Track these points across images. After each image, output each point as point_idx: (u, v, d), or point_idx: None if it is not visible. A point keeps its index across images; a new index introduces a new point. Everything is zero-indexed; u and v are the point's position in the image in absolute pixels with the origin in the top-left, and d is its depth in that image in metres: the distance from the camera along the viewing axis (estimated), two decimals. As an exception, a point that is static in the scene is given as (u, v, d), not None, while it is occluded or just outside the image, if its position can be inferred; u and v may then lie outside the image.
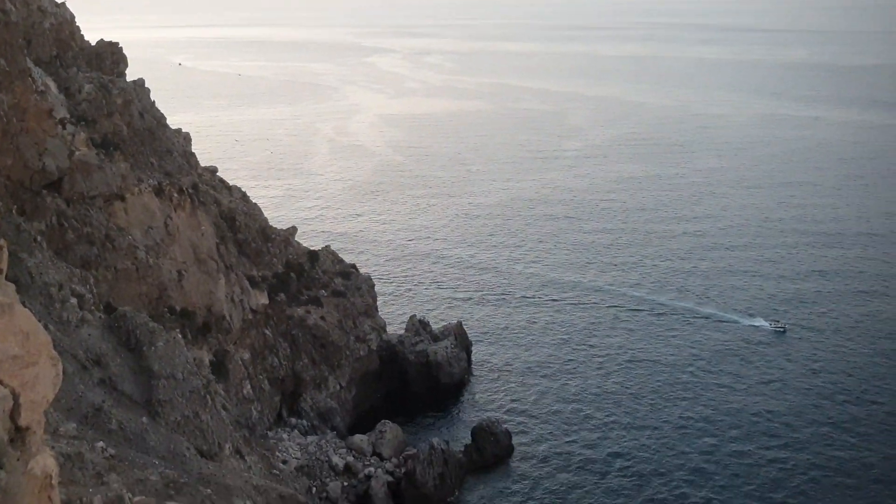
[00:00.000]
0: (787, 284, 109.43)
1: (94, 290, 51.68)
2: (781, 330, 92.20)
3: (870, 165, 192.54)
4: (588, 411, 75.71)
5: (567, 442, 70.29)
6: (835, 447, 69.11)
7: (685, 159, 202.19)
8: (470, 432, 69.50)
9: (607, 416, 74.77)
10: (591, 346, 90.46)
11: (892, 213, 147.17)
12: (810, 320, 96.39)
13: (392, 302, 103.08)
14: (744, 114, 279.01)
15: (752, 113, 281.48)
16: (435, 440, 65.10)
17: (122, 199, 57.96)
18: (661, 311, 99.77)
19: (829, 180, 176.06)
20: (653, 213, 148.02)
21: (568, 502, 61.19)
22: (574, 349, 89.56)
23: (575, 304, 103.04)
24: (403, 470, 62.26)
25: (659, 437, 70.92)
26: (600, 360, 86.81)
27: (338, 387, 74.03)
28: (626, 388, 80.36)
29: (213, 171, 78.35)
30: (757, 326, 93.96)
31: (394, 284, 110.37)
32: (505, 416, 74.40)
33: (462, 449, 67.58)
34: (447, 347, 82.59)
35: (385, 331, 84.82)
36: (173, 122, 71.13)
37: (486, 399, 79.53)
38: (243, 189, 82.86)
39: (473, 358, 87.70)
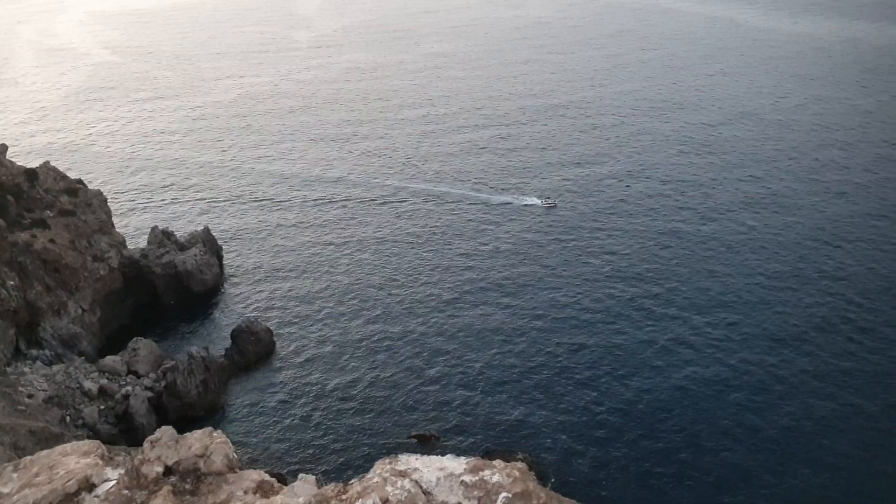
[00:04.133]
0: (546, 161, 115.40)
1: None
2: (552, 205, 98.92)
3: (592, 40, 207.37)
4: (346, 302, 77.83)
5: (326, 332, 72.24)
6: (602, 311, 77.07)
7: (414, 45, 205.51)
8: (230, 335, 69.14)
9: (368, 306, 77.30)
10: (346, 240, 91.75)
11: (634, 90, 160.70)
12: (576, 196, 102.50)
13: (129, 215, 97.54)
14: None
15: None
16: (194, 349, 64.11)
17: None
18: (426, 199, 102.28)
19: (552, 56, 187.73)
20: (394, 101, 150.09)
21: (331, 389, 63.58)
22: (328, 244, 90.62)
23: (325, 199, 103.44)
24: (163, 383, 60.98)
25: (430, 318, 74.87)
26: (359, 253, 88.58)
27: (79, 310, 69.80)
28: (393, 277, 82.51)
29: None
30: (530, 204, 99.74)
31: (128, 197, 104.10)
32: (264, 315, 74.62)
33: (223, 353, 67.25)
34: (196, 255, 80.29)
35: (125, 246, 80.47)
36: None
37: (243, 301, 79.03)
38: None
39: (225, 262, 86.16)
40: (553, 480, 52.05)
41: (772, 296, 75.81)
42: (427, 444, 56.25)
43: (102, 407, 58.37)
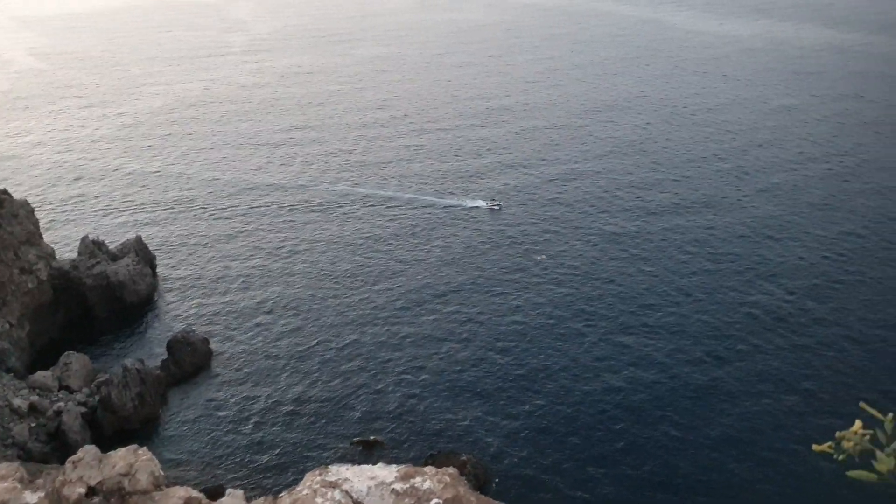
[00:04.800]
0: (487, 163, 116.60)
1: None
2: (498, 207, 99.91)
3: (527, 43, 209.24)
4: (285, 311, 76.97)
5: (264, 341, 71.38)
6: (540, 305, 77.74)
7: (350, 48, 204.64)
8: (166, 346, 67.84)
9: (306, 314, 76.57)
10: (283, 247, 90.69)
11: (569, 93, 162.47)
12: (519, 197, 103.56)
13: (58, 226, 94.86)
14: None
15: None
16: (128, 361, 62.66)
17: None
18: (370, 203, 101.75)
19: (489, 60, 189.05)
20: (331, 105, 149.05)
21: (269, 399, 62.90)
22: (264, 251, 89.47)
23: (262, 206, 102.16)
24: (97, 398, 59.49)
25: (370, 325, 74.53)
26: (297, 260, 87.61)
27: (7, 325, 67.56)
28: (333, 284, 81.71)
29: None
30: (476, 207, 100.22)
31: (57, 207, 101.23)
32: (201, 325, 73.38)
33: (159, 364, 65.94)
34: (129, 265, 78.51)
35: (54, 257, 78.16)
36: None
37: (178, 310, 77.57)
38: None
39: (159, 272, 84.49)
40: (497, 481, 52.48)
41: (703, 293, 77.73)
42: (371, 451, 56.10)
43: (33, 424, 56.67)
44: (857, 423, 6.19)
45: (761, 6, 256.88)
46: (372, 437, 57.45)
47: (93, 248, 79.40)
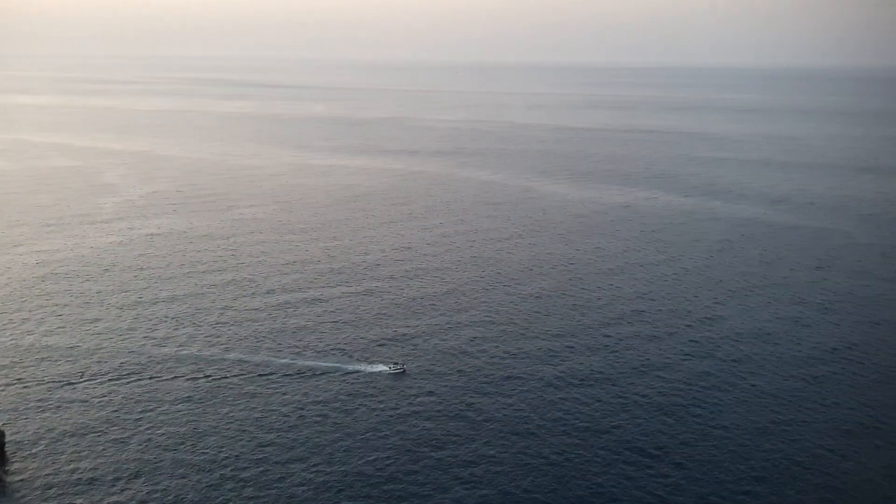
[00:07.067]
0: (393, 326, 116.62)
1: None
2: (401, 370, 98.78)
3: (412, 211, 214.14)
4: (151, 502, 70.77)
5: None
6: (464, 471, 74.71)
7: (226, 210, 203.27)
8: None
9: None
10: (157, 432, 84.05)
11: (459, 259, 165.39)
12: (424, 357, 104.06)
13: None
14: (275, 164, 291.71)
15: (282, 163, 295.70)
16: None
17: None
18: (273, 371, 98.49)
19: (369, 224, 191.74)
20: (214, 272, 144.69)
21: None
22: (133, 438, 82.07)
23: (140, 381, 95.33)
24: None
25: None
26: (174, 446, 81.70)
27: None
28: (225, 477, 75.51)
29: None
30: (379, 371, 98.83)
31: None
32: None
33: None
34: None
35: None
36: None
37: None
38: None
39: (11, 468, 75.52)
40: None
41: (568, 458, 77.71)
42: None
43: None
44: None
45: (622, 177, 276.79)
46: None
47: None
